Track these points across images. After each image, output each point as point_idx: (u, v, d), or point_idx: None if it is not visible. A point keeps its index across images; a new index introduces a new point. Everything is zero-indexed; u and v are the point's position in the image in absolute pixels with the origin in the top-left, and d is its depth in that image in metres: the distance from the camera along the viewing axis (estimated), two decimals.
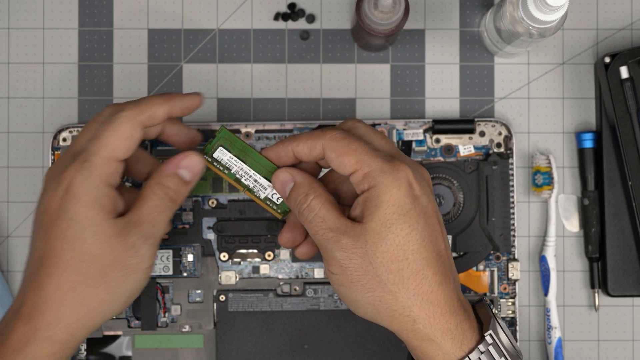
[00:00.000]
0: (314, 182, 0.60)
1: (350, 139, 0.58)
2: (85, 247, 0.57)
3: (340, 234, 0.57)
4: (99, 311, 0.58)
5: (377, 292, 0.57)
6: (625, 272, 0.73)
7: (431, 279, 0.57)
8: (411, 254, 0.57)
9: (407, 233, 0.57)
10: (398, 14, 0.65)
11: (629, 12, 0.75)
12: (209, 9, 0.75)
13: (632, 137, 0.71)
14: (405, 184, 0.57)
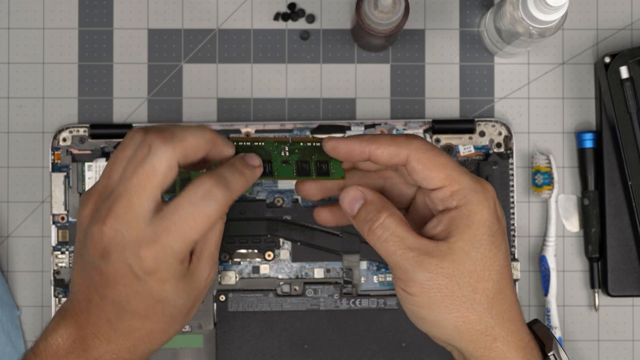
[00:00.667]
0: (386, 201, 0.58)
1: (438, 152, 0.56)
2: (176, 309, 0.57)
3: (423, 254, 0.55)
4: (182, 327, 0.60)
5: (461, 312, 0.56)
6: (625, 272, 0.73)
7: (510, 298, 0.57)
8: (496, 274, 0.56)
9: (495, 253, 0.56)
10: (398, 14, 0.65)
11: (629, 12, 0.75)
12: (209, 9, 0.75)
13: (632, 137, 0.71)
14: (493, 204, 0.56)
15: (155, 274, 0.55)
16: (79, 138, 0.73)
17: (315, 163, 0.60)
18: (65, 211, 0.72)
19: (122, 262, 0.55)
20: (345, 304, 0.72)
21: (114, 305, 0.56)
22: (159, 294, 0.55)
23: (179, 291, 0.56)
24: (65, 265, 0.72)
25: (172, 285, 0.56)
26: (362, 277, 0.73)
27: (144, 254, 0.54)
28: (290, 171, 0.60)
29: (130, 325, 0.56)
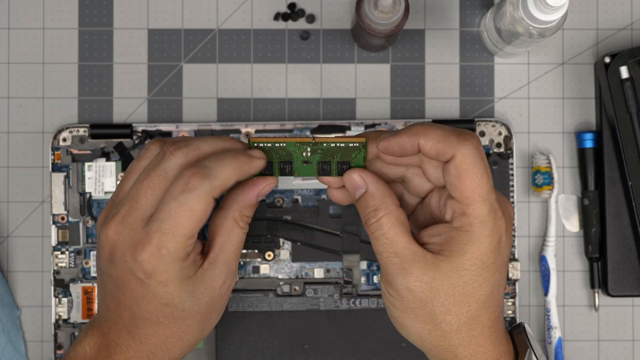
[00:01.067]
0: (386, 196, 0.56)
1: (480, 169, 0.54)
2: (185, 313, 0.56)
3: (407, 262, 0.55)
4: (204, 337, 0.60)
5: (428, 325, 0.56)
6: (625, 272, 0.73)
7: (484, 324, 0.56)
8: (475, 303, 0.55)
9: (480, 284, 0.55)
10: (398, 14, 0.65)
11: (629, 12, 0.75)
12: (209, 9, 0.75)
13: (632, 137, 0.71)
14: (497, 239, 0.55)
15: (155, 276, 0.55)
16: (79, 138, 0.73)
17: (337, 164, 0.59)
18: (65, 211, 0.72)
19: (124, 266, 0.55)
20: (345, 304, 0.72)
21: (128, 311, 0.56)
22: (163, 296, 0.55)
23: (184, 293, 0.56)
24: (65, 265, 0.72)
25: (176, 287, 0.55)
26: (362, 277, 0.73)
27: (141, 257, 0.54)
28: (310, 171, 0.59)
29: (144, 331, 0.57)
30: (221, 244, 0.57)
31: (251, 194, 0.57)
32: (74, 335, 0.72)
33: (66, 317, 0.72)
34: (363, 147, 0.58)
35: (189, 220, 0.54)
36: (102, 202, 0.73)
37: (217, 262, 0.57)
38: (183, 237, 0.54)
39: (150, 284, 0.55)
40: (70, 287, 0.72)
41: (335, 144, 0.58)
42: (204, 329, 0.58)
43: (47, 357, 0.74)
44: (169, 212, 0.54)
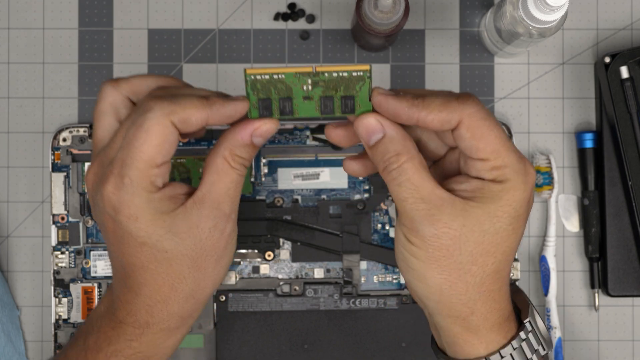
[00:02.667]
0: (407, 139, 0.53)
1: (491, 122, 0.52)
2: (168, 254, 0.53)
3: (435, 208, 0.52)
4: (205, 294, 0.56)
5: (452, 277, 0.53)
6: (625, 272, 0.73)
7: (503, 279, 0.55)
8: (501, 254, 0.53)
9: (509, 234, 0.53)
10: (398, 14, 0.65)
11: (629, 12, 0.75)
12: (209, 9, 0.75)
13: (632, 137, 0.71)
14: (530, 189, 0.53)
15: (122, 209, 0.52)
16: (79, 138, 0.73)
17: (341, 99, 0.54)
18: (65, 211, 0.72)
19: (98, 207, 0.54)
20: (345, 304, 0.72)
21: (117, 260, 0.55)
22: (138, 234, 0.53)
23: (160, 230, 0.53)
24: (65, 265, 0.72)
25: (148, 222, 0.53)
26: (362, 277, 0.73)
27: (106, 191, 0.52)
28: (312, 109, 0.54)
29: (135, 280, 0.54)
30: (209, 183, 0.54)
31: (243, 132, 0.54)
32: None
33: (66, 317, 0.72)
34: (368, 77, 0.53)
35: (147, 144, 0.51)
36: None
37: (204, 202, 0.54)
38: (144, 163, 0.52)
39: (121, 221, 0.53)
40: (70, 287, 0.72)
41: (338, 73, 0.53)
42: (199, 279, 0.55)
43: (47, 357, 0.74)
44: (128, 139, 0.52)
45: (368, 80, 0.53)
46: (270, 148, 0.73)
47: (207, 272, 0.55)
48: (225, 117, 0.53)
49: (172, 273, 0.54)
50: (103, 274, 0.73)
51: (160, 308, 0.55)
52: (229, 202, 0.54)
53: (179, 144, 0.55)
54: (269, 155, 0.73)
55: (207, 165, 0.54)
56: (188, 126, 0.52)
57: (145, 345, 0.56)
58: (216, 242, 0.54)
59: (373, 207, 0.73)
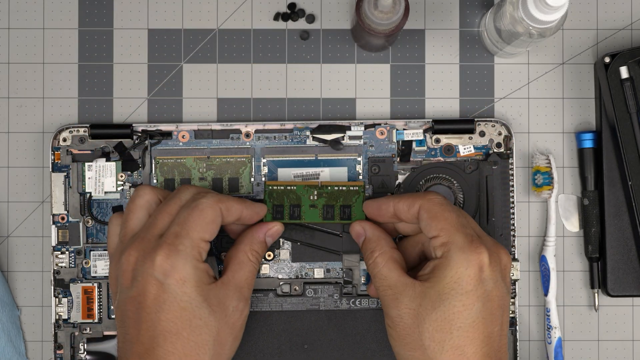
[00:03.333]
0: (381, 239, 0.66)
1: (446, 207, 0.63)
2: (201, 322, 0.61)
3: (398, 292, 0.62)
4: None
5: (417, 353, 0.61)
6: (625, 272, 0.73)
7: (469, 357, 0.60)
8: (457, 330, 0.60)
9: (460, 310, 0.60)
10: (398, 14, 0.65)
11: (629, 12, 0.75)
12: (209, 9, 0.75)
13: (632, 137, 0.71)
14: (476, 266, 0.60)
15: (173, 273, 0.60)
16: (79, 138, 0.73)
17: (340, 207, 0.70)
18: (65, 211, 0.72)
19: (144, 275, 0.60)
20: (345, 304, 0.72)
21: (148, 330, 0.60)
22: (182, 298, 0.60)
23: (200, 297, 0.61)
24: (65, 265, 0.73)
25: (193, 288, 0.61)
26: (362, 277, 0.73)
27: (159, 257, 0.60)
28: (316, 215, 0.70)
29: (164, 349, 0.60)
30: (233, 271, 0.64)
31: (259, 232, 0.67)
32: (74, 336, 0.72)
33: (66, 317, 0.72)
34: (362, 190, 0.70)
35: (200, 221, 0.62)
36: (102, 202, 0.73)
37: (230, 285, 0.63)
38: (197, 236, 0.61)
39: (169, 284, 0.60)
40: (70, 287, 0.72)
41: (339, 187, 0.70)
42: (218, 353, 0.62)
43: (47, 357, 0.74)
44: (182, 218, 0.62)
45: (362, 193, 0.70)
46: (270, 148, 0.73)
47: (225, 347, 0.63)
48: (254, 213, 0.67)
49: (199, 342, 0.61)
50: (103, 273, 0.73)
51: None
52: (247, 287, 0.64)
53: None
54: (269, 155, 0.73)
55: (231, 258, 0.65)
56: (229, 215, 0.64)
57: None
58: (236, 321, 0.63)
59: None
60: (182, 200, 0.64)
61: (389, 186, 0.72)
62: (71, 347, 0.72)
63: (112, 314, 0.73)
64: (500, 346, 0.62)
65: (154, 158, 0.73)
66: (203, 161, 0.73)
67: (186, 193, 0.64)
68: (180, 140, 0.73)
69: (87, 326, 0.73)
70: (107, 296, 0.73)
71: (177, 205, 0.64)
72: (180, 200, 0.64)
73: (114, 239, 0.66)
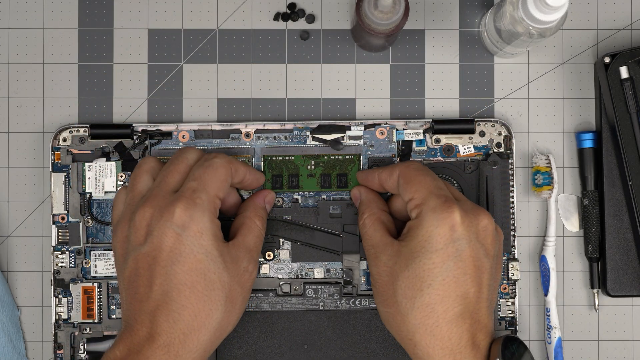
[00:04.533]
0: (372, 201, 0.69)
1: (422, 172, 0.65)
2: (215, 276, 0.62)
3: (379, 251, 0.65)
4: (227, 331, 0.64)
5: (392, 309, 0.63)
6: (625, 272, 0.73)
7: (440, 315, 0.61)
8: (427, 288, 0.61)
9: (430, 268, 0.61)
10: (398, 14, 0.65)
11: (629, 12, 0.75)
12: (209, 9, 0.75)
13: (632, 137, 0.71)
14: (447, 225, 0.62)
15: (191, 225, 0.61)
16: (79, 138, 0.73)
17: (337, 176, 0.72)
18: (65, 211, 0.73)
19: (161, 228, 0.61)
20: (345, 304, 0.72)
21: (162, 285, 0.61)
22: (199, 250, 0.61)
23: (215, 251, 0.62)
24: (65, 265, 0.73)
25: (210, 241, 0.62)
26: (362, 277, 0.73)
27: (177, 210, 0.61)
28: (314, 184, 0.72)
29: (178, 304, 0.60)
30: (243, 235, 0.66)
31: (259, 199, 0.70)
32: (74, 335, 0.72)
33: (66, 317, 0.72)
34: (357, 159, 0.72)
35: (215, 179, 0.64)
36: (102, 202, 0.73)
37: (241, 246, 0.65)
38: (213, 191, 0.63)
39: (187, 236, 0.61)
40: (70, 287, 0.72)
41: (335, 157, 0.72)
42: (228, 311, 0.63)
43: (47, 357, 0.74)
44: (197, 174, 0.64)
45: (357, 162, 0.72)
46: (270, 148, 0.73)
47: (235, 306, 0.64)
48: (255, 178, 0.70)
49: (212, 297, 0.62)
50: (103, 273, 0.73)
51: (193, 337, 0.61)
52: (256, 251, 0.67)
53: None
54: (268, 155, 0.73)
55: (239, 225, 0.67)
56: (236, 176, 0.67)
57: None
58: (246, 281, 0.65)
59: None
60: (190, 160, 0.66)
61: None
62: (71, 347, 0.72)
63: (112, 314, 0.73)
64: (479, 309, 0.62)
65: None
66: None
67: (192, 154, 0.66)
68: (180, 140, 0.73)
69: (87, 326, 0.73)
70: (107, 296, 0.73)
71: (185, 165, 0.65)
72: (187, 160, 0.66)
73: (119, 206, 0.67)
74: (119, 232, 0.64)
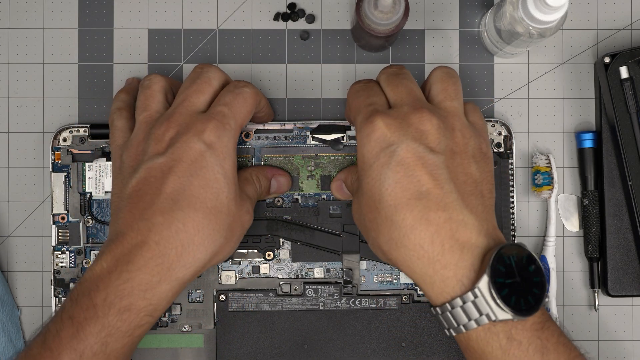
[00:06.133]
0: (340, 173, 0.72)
1: (354, 93, 0.64)
2: (227, 200, 0.61)
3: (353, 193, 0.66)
4: (218, 259, 0.63)
5: (370, 235, 0.61)
6: (625, 272, 0.73)
7: (400, 224, 0.58)
8: (379, 203, 0.59)
9: (372, 186, 0.60)
10: (398, 14, 0.65)
11: (629, 12, 0.75)
12: (209, 9, 0.75)
13: (632, 137, 0.71)
14: (372, 138, 0.60)
15: (218, 146, 0.61)
16: (79, 138, 0.73)
17: None
18: (65, 211, 0.73)
19: (188, 143, 0.61)
20: (345, 304, 0.72)
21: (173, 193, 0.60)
22: (219, 170, 0.61)
23: (232, 178, 0.62)
24: (66, 265, 0.73)
25: (230, 166, 0.62)
26: (362, 277, 0.73)
27: (207, 129, 0.61)
28: (314, 186, 0.72)
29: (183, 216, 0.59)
30: (242, 185, 0.67)
31: (269, 169, 0.70)
32: None
33: None
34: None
35: (244, 109, 0.64)
36: (102, 202, 0.73)
37: (243, 194, 0.66)
38: (241, 119, 0.64)
39: (212, 154, 0.61)
40: (70, 287, 0.72)
41: (334, 157, 0.72)
42: (227, 239, 0.62)
43: None
44: (228, 100, 0.63)
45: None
46: (271, 148, 0.73)
47: (233, 237, 0.63)
48: (268, 113, 0.71)
49: (219, 219, 0.61)
50: None
51: (190, 252, 0.60)
52: (252, 202, 0.67)
53: None
54: (269, 155, 0.73)
55: (240, 177, 0.68)
56: (259, 108, 0.67)
57: (157, 297, 0.59)
58: (245, 222, 0.65)
59: None
60: (214, 82, 0.65)
61: None
62: None
63: None
64: (446, 205, 0.57)
65: None
66: None
67: (215, 75, 0.65)
68: None
69: None
70: None
71: (210, 86, 0.65)
72: (211, 81, 0.65)
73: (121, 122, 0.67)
74: (133, 147, 0.63)
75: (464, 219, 0.58)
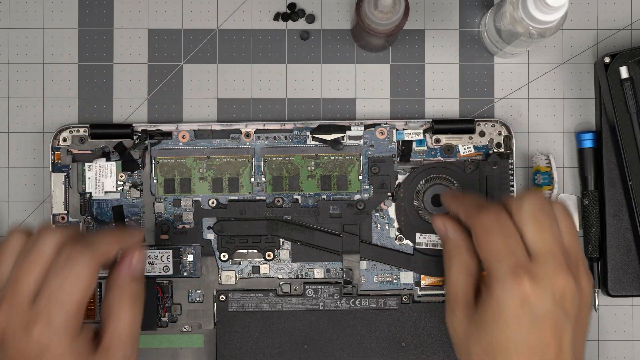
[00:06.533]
0: (460, 243, 0.64)
1: (491, 231, 0.60)
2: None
3: (456, 304, 0.62)
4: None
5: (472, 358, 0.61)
6: (625, 272, 0.73)
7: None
8: (500, 358, 0.59)
9: (502, 340, 0.59)
10: (398, 14, 0.65)
11: (629, 12, 0.75)
12: (209, 9, 0.75)
13: (632, 137, 0.71)
14: (516, 297, 0.58)
15: (50, 350, 0.55)
16: (79, 138, 0.73)
17: (336, 177, 0.72)
18: (65, 211, 0.72)
19: (16, 348, 0.56)
20: (345, 304, 0.72)
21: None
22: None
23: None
24: None
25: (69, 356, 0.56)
26: (362, 277, 0.73)
27: (33, 333, 0.55)
28: (314, 185, 0.71)
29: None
30: (112, 330, 0.59)
31: (122, 270, 0.61)
32: None
33: None
34: (357, 159, 0.71)
35: (76, 288, 0.56)
36: (102, 202, 0.73)
37: (111, 350, 0.59)
38: (72, 306, 0.56)
39: (46, 358, 0.55)
40: None
41: (334, 157, 0.71)
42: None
43: None
44: (55, 285, 0.56)
45: (357, 162, 0.71)
46: (270, 148, 0.73)
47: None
48: (131, 243, 0.62)
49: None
50: (102, 273, 0.73)
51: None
52: (131, 341, 0.60)
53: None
54: (269, 155, 0.73)
55: (106, 314, 0.60)
56: (108, 259, 0.59)
57: None
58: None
59: (373, 207, 0.73)
60: (46, 254, 0.57)
61: (389, 186, 0.72)
62: None
63: None
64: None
65: (154, 158, 0.73)
66: (203, 161, 0.73)
67: (48, 244, 0.58)
68: (180, 140, 0.73)
69: None
70: None
71: (41, 260, 0.57)
72: (44, 255, 0.57)
73: (8, 261, 0.60)
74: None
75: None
